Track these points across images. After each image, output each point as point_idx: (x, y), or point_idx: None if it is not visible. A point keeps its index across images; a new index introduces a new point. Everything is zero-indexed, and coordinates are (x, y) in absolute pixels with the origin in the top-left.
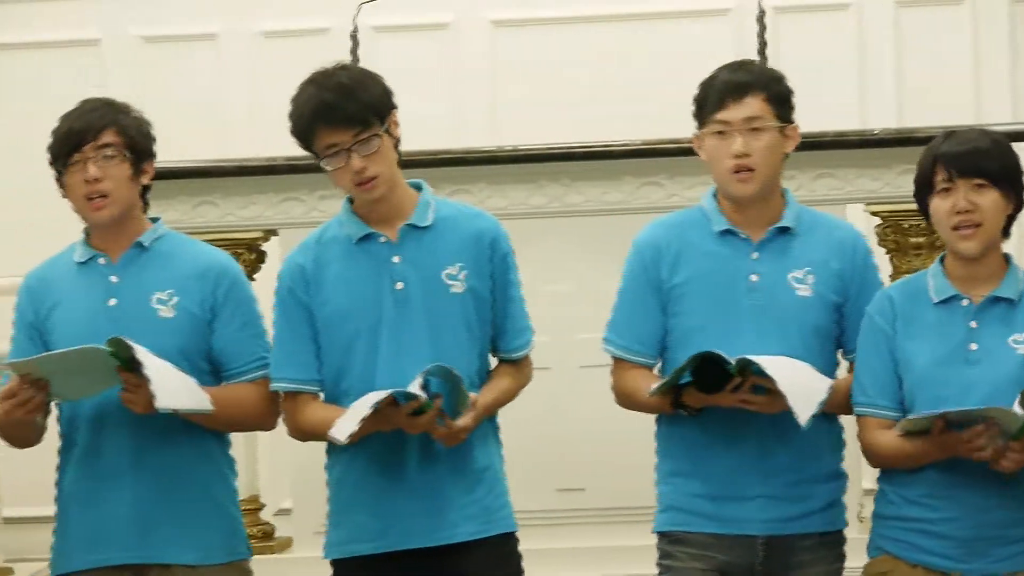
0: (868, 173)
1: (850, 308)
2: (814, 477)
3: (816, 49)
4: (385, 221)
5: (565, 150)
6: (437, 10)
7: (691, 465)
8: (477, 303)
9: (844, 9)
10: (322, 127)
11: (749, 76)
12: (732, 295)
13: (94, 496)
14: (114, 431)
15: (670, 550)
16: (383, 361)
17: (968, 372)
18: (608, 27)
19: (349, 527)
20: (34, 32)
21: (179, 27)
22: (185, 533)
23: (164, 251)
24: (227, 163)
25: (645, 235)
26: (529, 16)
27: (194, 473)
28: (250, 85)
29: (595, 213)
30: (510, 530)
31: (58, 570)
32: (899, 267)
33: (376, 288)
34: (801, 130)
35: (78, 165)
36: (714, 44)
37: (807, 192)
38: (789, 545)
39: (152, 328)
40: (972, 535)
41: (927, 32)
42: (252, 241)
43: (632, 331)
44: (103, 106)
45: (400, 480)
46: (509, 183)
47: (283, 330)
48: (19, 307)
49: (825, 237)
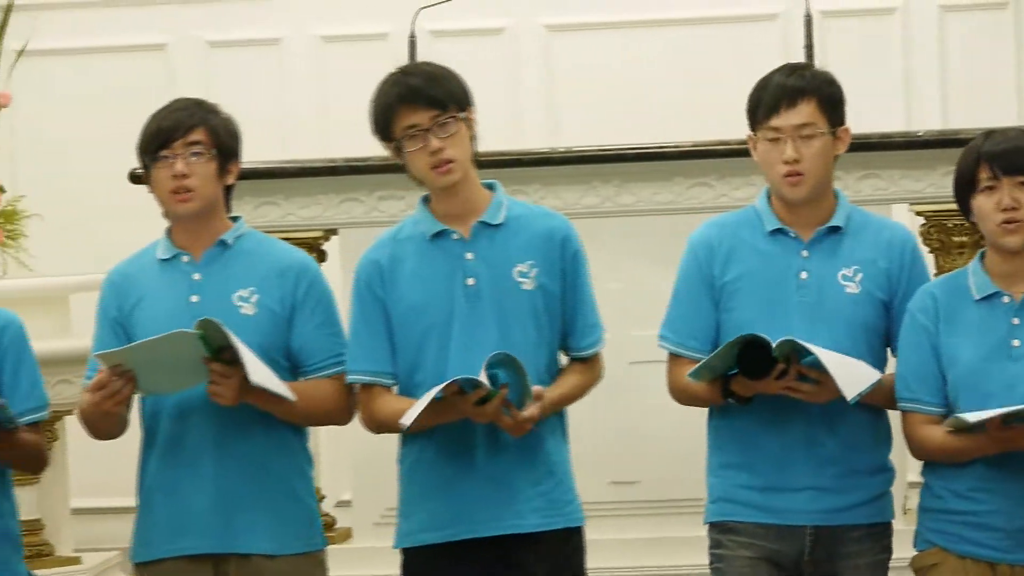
0: (912, 174)
1: (898, 306)
2: (862, 469)
3: (862, 52)
4: (459, 218)
5: (617, 151)
6: (494, 16)
7: (741, 457)
8: (547, 300)
9: (890, 14)
10: (404, 107)
11: (801, 81)
12: (782, 292)
13: (176, 487)
14: (196, 423)
15: (720, 539)
16: (454, 355)
17: (1012, 368)
18: (659, 31)
19: (419, 516)
20: (104, 37)
21: (243, 32)
22: (264, 523)
23: (246, 249)
24: (289, 164)
25: (699, 234)
26: (583, 21)
27: (273, 465)
28: (312, 88)
29: (646, 213)
30: (576, 524)
31: (139, 558)
32: (943, 266)
33: (448, 284)
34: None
35: (166, 160)
36: (762, 48)
37: (852, 192)
38: (837, 536)
39: (234, 325)
40: (1019, 526)
41: (971, 36)
42: (313, 240)
43: (686, 327)
44: (194, 105)
45: (469, 469)
46: (563, 184)
47: (359, 324)
48: (103, 303)
49: (874, 237)
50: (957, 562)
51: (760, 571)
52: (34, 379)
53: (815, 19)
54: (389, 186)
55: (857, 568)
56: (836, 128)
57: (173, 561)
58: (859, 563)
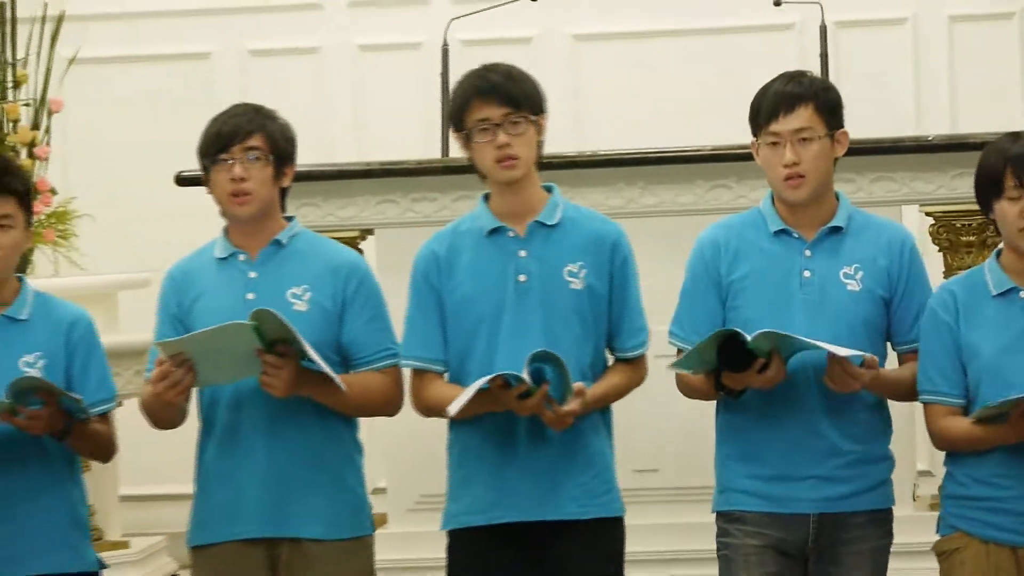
0: (923, 176)
1: (897, 303)
2: (864, 458)
3: (875, 60)
4: (515, 217)
5: (641, 155)
6: (522, 26)
7: (745, 449)
8: (594, 300)
9: (901, 24)
10: (478, 100)
11: (799, 88)
12: (786, 290)
13: (231, 474)
14: (250, 413)
15: (728, 528)
16: (503, 347)
17: None
18: (680, 41)
19: (464, 500)
20: (150, 46)
21: (283, 42)
22: (315, 510)
23: (299, 248)
24: (328, 167)
25: (706, 235)
26: (607, 31)
27: (325, 454)
28: (348, 95)
29: (668, 214)
30: (614, 514)
31: (195, 542)
32: (951, 263)
33: (501, 278)
34: (859, 136)
35: (225, 164)
36: (779, 56)
37: (865, 195)
38: (840, 522)
39: (291, 321)
40: None
41: (979, 45)
42: (350, 240)
43: (693, 324)
44: (252, 111)
45: (512, 458)
46: (589, 186)
47: (415, 312)
48: (163, 298)
49: (874, 237)
50: (980, 546)
51: (766, 559)
52: (103, 372)
53: (829, 29)
54: (423, 188)
55: (860, 553)
56: (834, 132)
57: (227, 545)
58: (862, 548)
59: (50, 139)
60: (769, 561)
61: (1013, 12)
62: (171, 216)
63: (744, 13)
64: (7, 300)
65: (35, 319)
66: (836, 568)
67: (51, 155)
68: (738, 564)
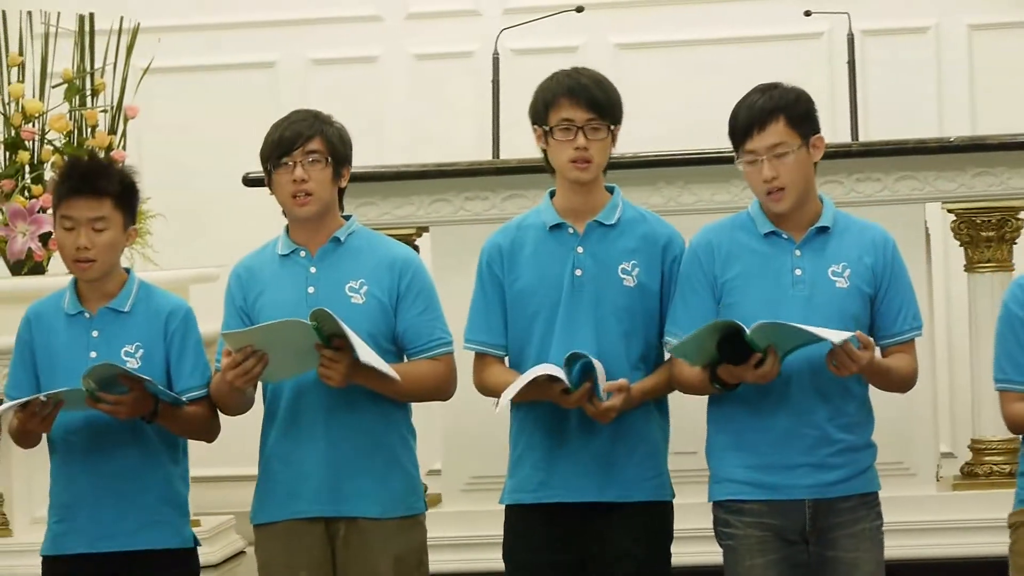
0: (945, 175)
1: (881, 299)
2: (852, 447)
3: (900, 66)
4: (577, 214)
5: (681, 156)
6: (568, 35)
7: (739, 439)
8: (645, 297)
9: (924, 32)
10: (566, 100)
11: (769, 103)
12: (779, 287)
13: (292, 457)
14: (310, 401)
15: (728, 519)
16: (557, 336)
17: None
18: (717, 49)
19: (517, 478)
20: (218, 56)
21: (343, 51)
22: (370, 490)
23: (356, 245)
24: (385, 169)
25: (699, 238)
26: (648, 40)
27: (379, 437)
28: (404, 100)
29: (707, 211)
30: (659, 499)
31: (259, 520)
32: (972, 257)
33: (559, 272)
34: (885, 137)
35: (287, 167)
36: (810, 63)
37: (890, 193)
38: (833, 507)
39: (345, 314)
40: None
41: (997, 52)
42: (406, 237)
43: (690, 322)
44: (312, 117)
45: (562, 441)
46: (632, 184)
47: (478, 299)
48: (229, 293)
49: (858, 236)
50: None
51: (768, 547)
52: (198, 358)
53: (856, 37)
54: (474, 188)
55: (854, 535)
56: (809, 139)
57: (289, 523)
58: (855, 530)
59: (126, 143)
60: (771, 549)
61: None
62: (237, 214)
63: (776, 23)
64: (113, 293)
65: (136, 310)
66: (834, 552)
67: (127, 159)
68: (743, 555)
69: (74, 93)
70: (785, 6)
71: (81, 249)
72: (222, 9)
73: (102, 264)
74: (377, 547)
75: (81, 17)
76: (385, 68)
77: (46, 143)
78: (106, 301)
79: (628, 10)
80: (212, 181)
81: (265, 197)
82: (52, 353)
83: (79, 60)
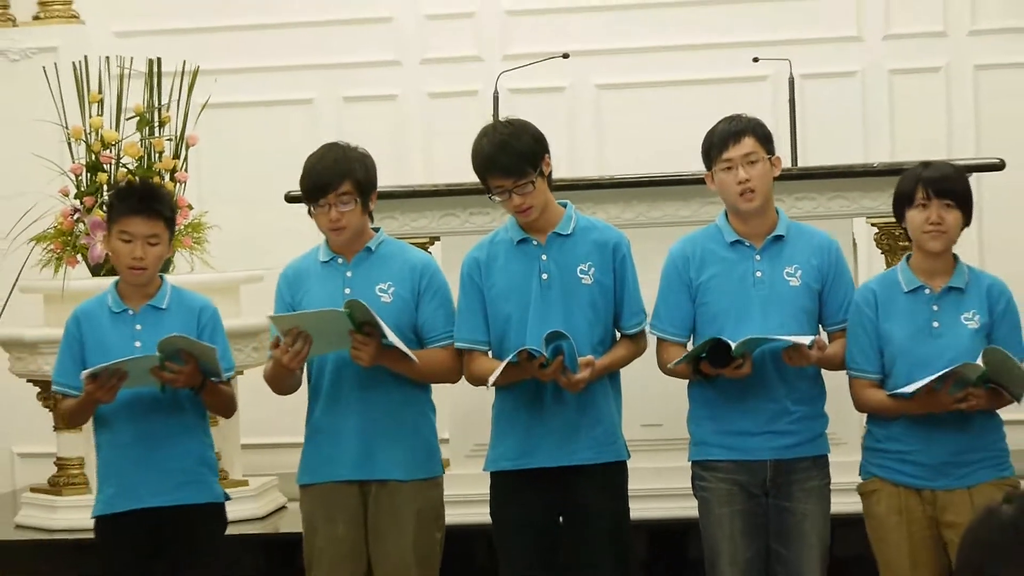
0: (869, 195)
1: (827, 293)
2: (806, 416)
3: (831, 104)
4: (538, 229)
5: (649, 179)
6: (557, 77)
7: (714, 411)
8: (601, 292)
9: (852, 75)
10: (489, 175)
11: (740, 124)
12: (743, 288)
13: (332, 428)
14: (348, 383)
15: (703, 474)
16: (531, 330)
17: (934, 344)
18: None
19: (500, 449)
20: (265, 93)
21: (370, 90)
22: (397, 456)
23: (384, 253)
24: (403, 188)
25: (676, 248)
26: (624, 81)
27: (405, 413)
28: (419, 130)
29: (671, 224)
30: (618, 459)
31: (303, 481)
32: (891, 263)
33: (527, 278)
34: (820, 163)
35: (323, 208)
36: (757, 101)
37: (824, 209)
38: (790, 466)
39: (376, 311)
40: (937, 461)
41: (913, 91)
42: (421, 245)
43: (669, 318)
44: (340, 157)
45: (537, 417)
46: (608, 202)
47: (463, 304)
48: (279, 292)
49: (808, 242)
50: (892, 488)
51: (735, 498)
52: (225, 347)
53: (796, 80)
54: (477, 204)
55: (807, 490)
56: (771, 156)
57: (329, 484)
58: (807, 486)
59: (187, 166)
60: (737, 501)
61: (939, 67)
62: (281, 226)
63: (730, 68)
64: (151, 293)
65: (172, 307)
66: (790, 503)
67: (188, 179)
68: (714, 503)
69: (144, 124)
70: (736, 53)
71: (137, 259)
72: (268, 55)
73: (151, 272)
74: (403, 504)
75: (150, 61)
76: (404, 104)
77: (121, 166)
78: (146, 300)
79: (607, 57)
80: (260, 197)
81: (303, 211)
82: (102, 344)
83: (148, 97)
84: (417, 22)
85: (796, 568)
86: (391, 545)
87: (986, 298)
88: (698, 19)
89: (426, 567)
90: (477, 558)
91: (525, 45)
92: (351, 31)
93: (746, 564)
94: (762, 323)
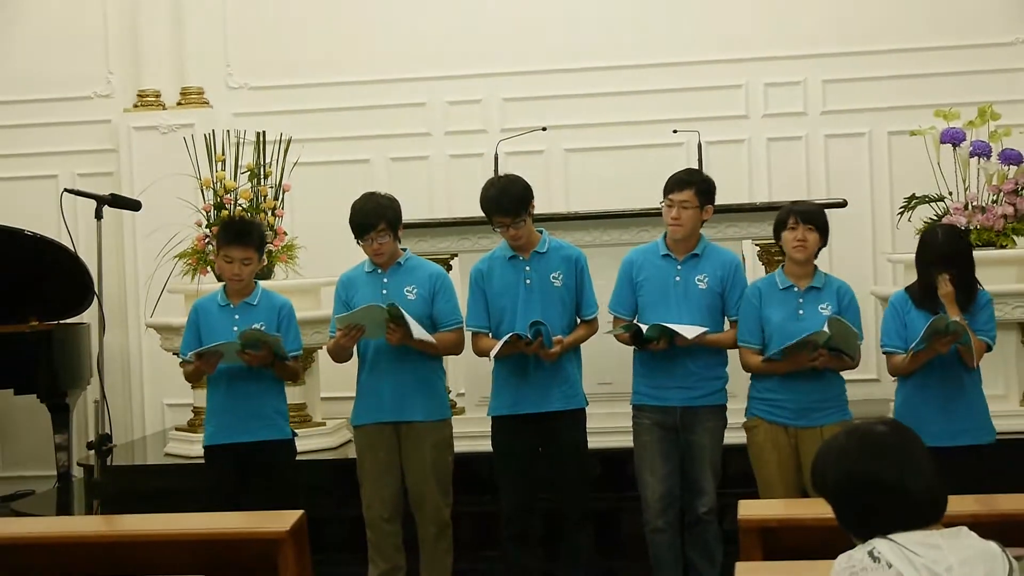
0: (756, 224)
1: (727, 294)
2: (709, 376)
3: (730, 161)
4: (523, 249)
5: (601, 213)
6: (538, 144)
7: (646, 371)
8: (567, 292)
9: (741, 143)
10: (493, 214)
11: (688, 177)
12: (666, 288)
13: (373, 384)
14: (384, 354)
15: (638, 415)
16: (519, 319)
17: (798, 325)
18: (622, 152)
19: (497, 400)
20: (335, 155)
21: (408, 152)
22: (420, 404)
23: (410, 266)
24: (431, 220)
25: (628, 256)
26: (583, 146)
27: (425, 374)
28: (444, 182)
29: (617, 245)
30: (579, 406)
31: (355, 422)
32: (769, 270)
33: (516, 283)
34: (721, 202)
35: (368, 241)
36: (675, 162)
37: (722, 234)
38: (695, 412)
39: (404, 306)
40: (799, 407)
41: (784, 153)
42: (443, 260)
43: (621, 303)
44: (378, 206)
45: (523, 377)
46: (575, 230)
47: (471, 301)
48: (337, 294)
49: (716, 258)
50: (768, 425)
51: (655, 433)
52: (296, 332)
53: (704, 146)
54: (483, 231)
55: (706, 429)
56: (704, 206)
57: (373, 425)
58: (707, 425)
59: (284, 206)
60: (657, 435)
61: (801, 136)
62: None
63: (657, 137)
64: (247, 294)
65: (261, 304)
66: (692, 436)
67: (284, 215)
68: (643, 433)
69: (253, 177)
70: (661, 127)
71: (235, 275)
72: (338, 129)
73: (246, 281)
74: (424, 438)
75: (258, 133)
76: (433, 163)
77: (237, 206)
78: (243, 298)
79: (572, 130)
80: (331, 226)
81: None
82: (210, 328)
83: (256, 158)
84: (442, 106)
85: (697, 482)
86: (416, 465)
87: (836, 295)
88: (635, 104)
89: (441, 480)
90: (480, 475)
91: (516, 122)
92: (396, 112)
93: (663, 475)
94: (676, 313)
